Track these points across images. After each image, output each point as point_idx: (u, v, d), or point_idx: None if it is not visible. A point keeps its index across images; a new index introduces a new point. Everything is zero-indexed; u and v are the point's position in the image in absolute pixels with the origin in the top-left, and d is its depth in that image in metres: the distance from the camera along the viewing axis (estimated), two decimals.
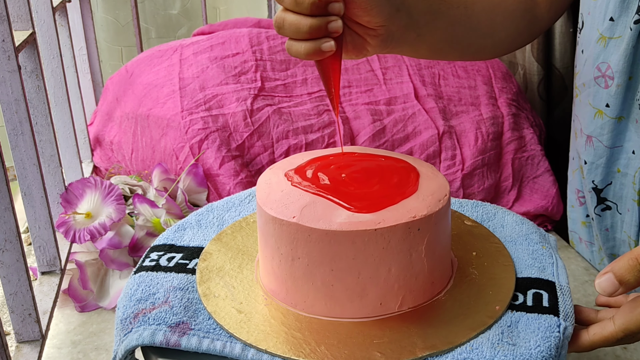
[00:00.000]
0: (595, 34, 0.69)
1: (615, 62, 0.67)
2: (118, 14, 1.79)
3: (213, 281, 0.55)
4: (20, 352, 0.64)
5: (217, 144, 0.91)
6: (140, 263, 0.59)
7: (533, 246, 0.59)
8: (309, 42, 0.52)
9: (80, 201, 0.81)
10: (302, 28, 0.51)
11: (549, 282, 0.54)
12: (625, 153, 0.69)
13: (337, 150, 0.60)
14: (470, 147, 0.94)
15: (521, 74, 1.10)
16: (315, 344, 0.48)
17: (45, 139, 0.78)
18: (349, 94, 0.98)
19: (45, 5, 0.82)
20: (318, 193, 0.51)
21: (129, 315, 0.52)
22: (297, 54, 0.53)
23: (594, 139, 0.71)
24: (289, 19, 0.52)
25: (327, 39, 0.52)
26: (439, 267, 0.53)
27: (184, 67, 0.99)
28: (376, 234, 0.48)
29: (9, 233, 0.61)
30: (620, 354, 0.67)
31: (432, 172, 0.56)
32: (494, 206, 0.67)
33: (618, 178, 0.70)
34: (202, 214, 0.66)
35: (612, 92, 0.68)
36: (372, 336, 0.49)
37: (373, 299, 0.50)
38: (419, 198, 0.51)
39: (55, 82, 0.87)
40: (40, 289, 0.72)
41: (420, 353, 0.47)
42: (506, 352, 0.46)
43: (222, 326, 0.50)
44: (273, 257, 0.52)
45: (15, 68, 0.64)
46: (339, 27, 0.52)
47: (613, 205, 0.71)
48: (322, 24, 0.51)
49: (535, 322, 0.49)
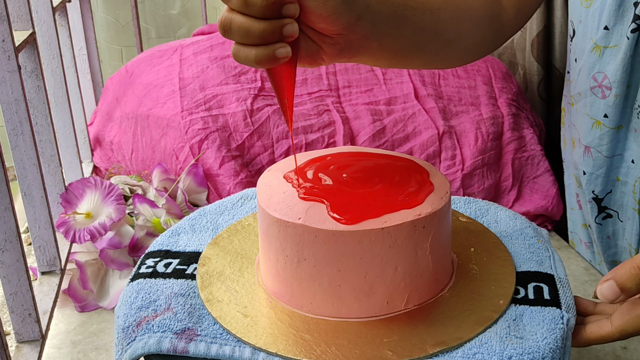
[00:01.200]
0: (589, 44, 0.68)
1: (612, 72, 0.66)
2: (118, 14, 1.79)
3: (215, 286, 0.55)
4: (20, 352, 0.64)
5: (217, 144, 0.91)
6: (136, 270, 0.58)
7: (529, 240, 0.60)
8: (260, 47, 0.46)
9: (80, 201, 0.81)
10: (254, 32, 0.46)
11: (547, 275, 0.55)
12: (625, 162, 0.68)
13: (333, 150, 0.60)
14: (470, 147, 0.94)
15: (521, 74, 1.10)
16: (325, 345, 0.48)
17: (45, 139, 0.78)
18: (349, 94, 0.98)
19: (45, 5, 0.82)
20: (320, 200, 0.51)
21: (131, 323, 0.51)
22: (246, 60, 0.47)
23: (593, 149, 0.70)
24: (238, 21, 0.46)
25: (281, 44, 0.47)
26: (442, 264, 0.53)
27: (184, 67, 0.99)
28: (383, 232, 0.48)
29: (9, 233, 0.61)
30: (620, 354, 0.67)
31: (431, 170, 0.56)
32: (486, 202, 0.67)
33: (618, 186, 0.69)
34: (195, 218, 0.65)
35: (610, 103, 0.67)
36: (381, 335, 0.49)
37: (380, 297, 0.50)
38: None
39: (55, 82, 0.87)
40: (40, 289, 0.72)
41: (431, 350, 0.47)
42: (515, 346, 0.47)
43: (229, 331, 0.50)
44: (277, 260, 0.51)
45: (15, 68, 0.64)
46: (294, 30, 0.47)
47: (614, 213, 0.71)
48: (276, 27, 0.46)
49: (539, 315, 0.50)
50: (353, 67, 1.01)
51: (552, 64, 1.06)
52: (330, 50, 0.51)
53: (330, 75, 0.99)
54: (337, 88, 0.99)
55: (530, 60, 1.06)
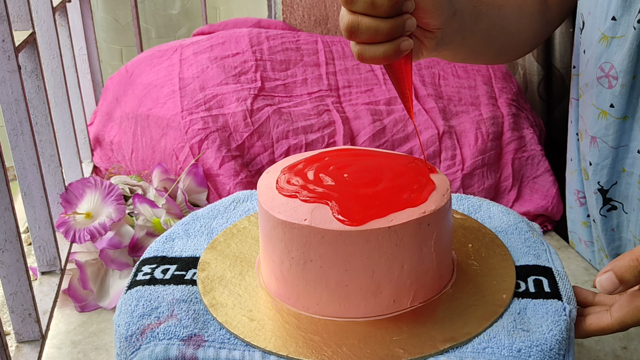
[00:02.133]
0: (597, 34, 0.69)
1: (619, 61, 0.67)
2: (118, 14, 1.79)
3: (217, 290, 0.54)
4: (20, 352, 0.64)
5: (217, 144, 0.91)
6: (132, 278, 0.57)
7: (524, 235, 0.61)
8: (386, 44, 0.50)
9: (80, 201, 0.81)
10: (382, 30, 0.49)
11: (546, 268, 0.56)
12: (631, 153, 0.69)
13: (325, 150, 0.60)
14: (470, 147, 0.94)
15: (521, 74, 1.11)
16: (335, 345, 0.48)
17: (45, 139, 0.78)
18: (349, 94, 0.98)
19: (45, 5, 0.82)
20: (325, 202, 0.50)
21: (134, 332, 0.50)
22: (373, 58, 0.50)
23: (599, 139, 0.71)
24: (365, 22, 0.49)
25: (404, 37, 0.50)
26: (445, 261, 0.54)
27: (184, 67, 0.99)
28: (389, 231, 0.48)
29: (9, 233, 0.61)
30: (621, 354, 0.67)
31: (430, 168, 0.56)
32: (477, 198, 0.68)
33: (623, 177, 0.70)
34: (189, 223, 0.65)
35: (616, 92, 0.67)
36: (390, 333, 0.49)
37: (387, 296, 0.50)
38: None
39: (55, 82, 0.87)
40: (40, 289, 0.72)
41: (442, 346, 0.47)
42: (523, 339, 0.48)
43: (236, 335, 0.49)
44: (282, 262, 0.51)
45: (15, 68, 0.64)
46: (414, 24, 0.51)
47: (619, 205, 0.71)
48: (400, 23, 0.50)
49: (542, 307, 0.51)
50: (353, 67, 1.01)
51: (552, 64, 1.06)
52: (429, 44, 0.56)
53: (330, 75, 0.99)
54: (337, 88, 0.99)
55: (530, 60, 1.06)
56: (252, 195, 0.69)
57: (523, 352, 0.47)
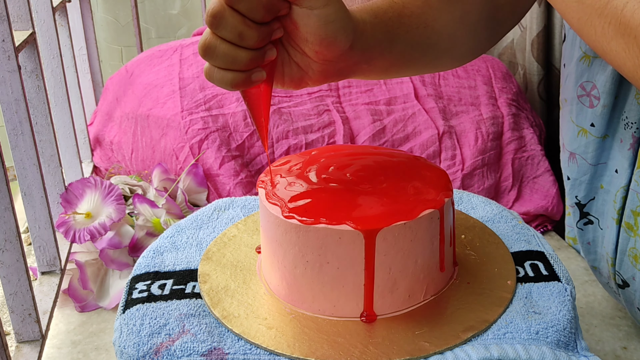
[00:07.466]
0: (578, 52, 0.67)
1: (601, 82, 0.65)
2: (118, 14, 1.79)
3: (225, 302, 0.53)
4: (20, 352, 0.64)
5: (217, 144, 0.91)
6: (127, 297, 0.54)
7: (510, 222, 0.62)
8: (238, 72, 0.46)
9: (80, 201, 0.81)
10: (240, 60, 0.46)
11: (539, 253, 0.57)
12: (609, 171, 0.68)
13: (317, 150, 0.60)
14: (470, 147, 0.94)
15: (521, 74, 1.11)
16: (362, 345, 0.47)
17: (45, 139, 0.78)
18: (349, 94, 0.98)
19: (45, 5, 0.82)
20: (336, 203, 0.50)
21: (147, 352, 0.48)
22: (221, 83, 0.47)
23: (578, 156, 0.70)
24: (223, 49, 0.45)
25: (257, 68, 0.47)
26: (449, 254, 0.54)
27: (184, 67, 0.99)
28: (405, 227, 0.48)
29: (9, 233, 0.61)
30: (621, 354, 0.67)
31: (425, 162, 0.57)
32: (457, 190, 0.68)
33: (601, 194, 0.69)
34: (174, 235, 0.63)
35: (597, 112, 0.66)
36: (411, 328, 0.49)
37: (402, 292, 0.50)
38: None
39: (55, 82, 0.87)
40: (40, 289, 0.72)
41: (464, 336, 0.48)
42: (538, 321, 0.49)
43: (258, 345, 0.48)
44: (296, 266, 0.50)
45: (15, 68, 0.64)
46: (273, 54, 0.47)
47: (595, 220, 0.71)
48: (260, 55, 0.46)
49: (545, 290, 0.52)
50: None
51: (552, 64, 1.06)
52: (317, 77, 0.52)
53: None
54: (337, 88, 0.99)
55: (530, 60, 1.06)
56: (232, 203, 0.68)
57: (541, 334, 0.48)
